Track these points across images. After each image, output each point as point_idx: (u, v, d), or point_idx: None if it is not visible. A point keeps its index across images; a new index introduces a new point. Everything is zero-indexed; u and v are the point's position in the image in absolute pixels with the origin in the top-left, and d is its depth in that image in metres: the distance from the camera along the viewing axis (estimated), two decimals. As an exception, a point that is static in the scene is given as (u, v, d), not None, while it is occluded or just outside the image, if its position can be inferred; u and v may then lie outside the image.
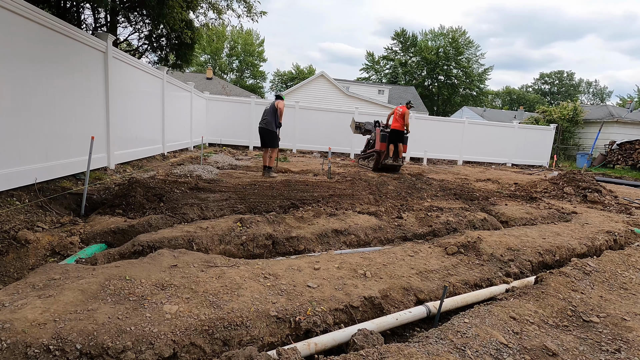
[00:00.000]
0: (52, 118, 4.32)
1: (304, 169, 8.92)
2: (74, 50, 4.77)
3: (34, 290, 1.97)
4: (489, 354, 1.82)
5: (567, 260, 3.56)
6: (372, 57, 48.91)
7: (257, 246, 3.28)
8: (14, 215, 3.31)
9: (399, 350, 1.76)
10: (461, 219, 4.48)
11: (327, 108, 15.74)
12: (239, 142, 14.18)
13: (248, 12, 9.69)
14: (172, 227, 3.47)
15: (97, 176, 5.25)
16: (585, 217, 5.28)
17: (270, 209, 4.42)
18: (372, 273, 2.69)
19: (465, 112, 33.65)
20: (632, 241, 4.33)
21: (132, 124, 6.86)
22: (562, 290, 2.57)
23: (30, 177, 3.91)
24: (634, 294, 2.72)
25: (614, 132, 18.45)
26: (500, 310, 2.24)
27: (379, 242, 3.79)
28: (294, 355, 1.70)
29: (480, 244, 3.38)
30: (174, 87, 9.39)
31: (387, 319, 2.20)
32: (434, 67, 44.60)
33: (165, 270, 2.36)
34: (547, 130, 16.49)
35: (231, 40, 47.62)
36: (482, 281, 2.89)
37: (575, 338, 2.07)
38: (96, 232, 3.27)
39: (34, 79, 3.98)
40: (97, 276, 2.17)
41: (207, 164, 8.23)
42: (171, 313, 1.88)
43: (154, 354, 1.64)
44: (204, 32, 10.66)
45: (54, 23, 4.24)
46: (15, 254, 2.74)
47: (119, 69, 6.09)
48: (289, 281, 2.42)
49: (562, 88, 57.91)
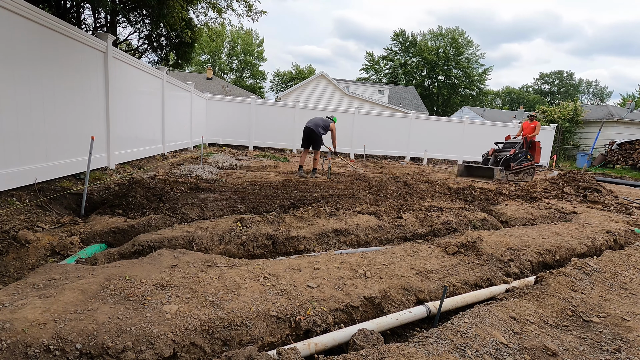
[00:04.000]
0: (52, 118, 4.32)
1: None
2: (74, 50, 4.77)
3: (34, 290, 1.97)
4: (489, 354, 1.82)
5: (567, 260, 3.56)
6: (371, 57, 48.91)
7: (257, 246, 3.28)
8: (14, 215, 3.31)
9: (399, 350, 1.76)
10: (461, 219, 4.48)
11: (327, 108, 15.73)
12: (239, 142, 14.19)
13: (248, 11, 9.71)
14: (172, 227, 3.47)
15: (97, 176, 5.25)
16: (585, 217, 5.28)
17: (270, 209, 4.42)
18: (372, 273, 2.69)
19: (465, 112, 33.65)
20: (632, 241, 4.33)
21: (132, 123, 6.86)
22: (562, 290, 2.57)
23: (30, 177, 3.91)
24: (634, 294, 2.72)
25: (614, 132, 18.46)
26: (500, 310, 2.24)
27: (379, 242, 3.79)
28: (294, 355, 1.70)
29: (480, 244, 3.38)
30: (174, 87, 9.39)
31: (387, 319, 2.20)
32: (434, 67, 44.61)
33: (165, 270, 2.36)
34: (547, 130, 16.50)
35: (231, 40, 47.63)
36: (482, 281, 2.89)
37: (575, 338, 2.07)
38: (96, 232, 3.27)
39: (34, 79, 3.97)
40: (97, 276, 2.17)
41: (207, 164, 8.23)
42: (171, 313, 1.88)
43: (154, 354, 1.64)
44: (204, 32, 10.67)
45: (54, 23, 4.24)
46: (15, 254, 2.74)
47: (119, 69, 6.09)
48: (289, 281, 2.42)
49: (562, 88, 57.91)
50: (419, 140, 15.03)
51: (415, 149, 15.20)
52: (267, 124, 14.15)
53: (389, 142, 15.07)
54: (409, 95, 31.86)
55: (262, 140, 14.28)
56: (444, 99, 46.25)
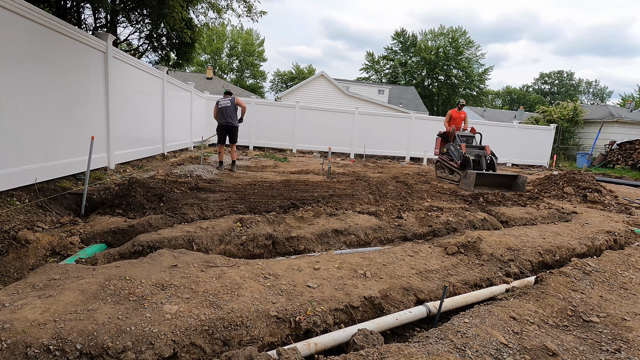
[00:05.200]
0: (52, 118, 4.32)
1: (304, 169, 8.92)
2: (74, 50, 4.77)
3: (34, 290, 1.97)
4: (489, 354, 1.82)
5: (567, 260, 3.56)
6: (371, 57, 48.90)
7: (257, 246, 3.28)
8: (14, 215, 3.31)
9: (399, 350, 1.76)
10: (461, 219, 4.48)
11: (327, 108, 15.73)
12: (238, 142, 14.17)
13: (248, 11, 9.70)
14: (172, 227, 3.47)
15: (97, 176, 5.25)
16: (585, 217, 5.28)
17: (270, 209, 4.42)
18: (372, 273, 2.69)
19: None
20: (632, 241, 4.33)
21: (132, 123, 6.85)
22: (562, 290, 2.57)
23: (30, 177, 3.91)
24: (634, 293, 2.72)
25: (614, 132, 18.44)
26: (500, 310, 2.24)
27: (379, 242, 3.79)
28: (294, 355, 1.70)
29: (480, 244, 3.38)
30: (174, 87, 9.39)
31: (387, 319, 2.20)
32: (434, 67, 44.59)
33: (165, 270, 2.36)
34: (547, 130, 16.49)
35: (231, 40, 47.62)
36: (482, 281, 2.89)
37: (575, 338, 2.07)
38: (96, 232, 3.27)
39: (34, 79, 3.97)
40: (97, 276, 2.17)
41: (207, 164, 8.23)
42: (171, 313, 1.88)
43: (154, 354, 1.64)
44: (204, 32, 10.67)
45: (54, 23, 4.23)
46: (15, 254, 2.74)
47: (119, 69, 6.09)
48: (289, 281, 2.42)
49: (562, 88, 57.88)
50: (419, 140, 15.01)
51: (415, 148, 15.18)
52: (267, 123, 14.14)
53: (389, 142, 15.06)
54: (409, 95, 31.85)
55: (262, 140, 14.27)
56: (444, 99, 46.21)
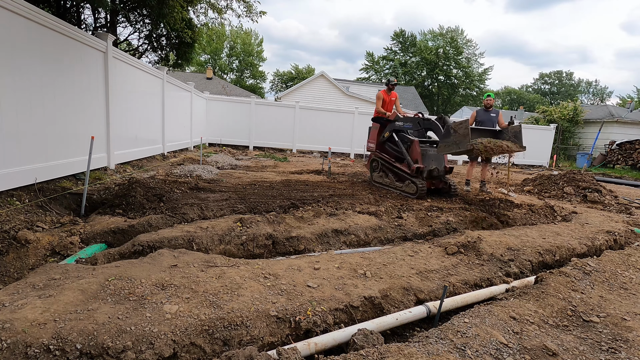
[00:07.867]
0: (52, 118, 4.32)
1: (304, 169, 8.92)
2: (74, 50, 4.77)
3: (34, 290, 1.97)
4: (489, 353, 1.82)
5: (567, 260, 3.56)
6: (371, 57, 48.90)
7: (257, 246, 3.28)
8: (14, 215, 3.31)
9: (399, 350, 1.76)
10: (461, 219, 4.47)
11: (327, 108, 15.72)
12: (239, 142, 14.18)
13: (248, 12, 9.72)
14: (172, 227, 3.47)
15: (97, 176, 5.25)
16: (585, 217, 5.28)
17: (270, 209, 4.42)
18: (372, 273, 2.69)
19: (465, 112, 33.63)
20: (632, 241, 4.33)
21: (132, 123, 6.85)
22: (562, 290, 2.57)
23: (30, 177, 3.91)
24: (634, 293, 2.72)
25: (614, 132, 18.44)
26: (500, 310, 2.24)
27: (379, 242, 3.79)
28: (294, 355, 1.70)
29: (480, 244, 3.38)
30: (174, 87, 9.39)
31: (387, 319, 2.20)
32: (434, 67, 44.58)
33: (165, 270, 2.36)
34: (547, 130, 16.49)
35: (231, 40, 47.59)
36: (482, 281, 2.89)
37: (575, 338, 2.07)
38: (96, 232, 3.27)
39: (34, 79, 3.97)
40: (97, 276, 2.17)
41: (207, 164, 8.23)
42: (171, 313, 1.88)
43: (154, 354, 1.64)
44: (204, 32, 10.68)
45: (54, 23, 4.23)
46: (15, 254, 2.74)
47: (119, 68, 6.09)
48: (289, 281, 2.42)
49: (562, 88, 57.86)
50: (418, 140, 14.99)
51: (415, 149, 15.17)
52: (267, 124, 14.14)
53: (389, 142, 15.04)
54: (409, 95, 31.83)
55: (262, 140, 14.27)
56: (444, 98, 46.22)
